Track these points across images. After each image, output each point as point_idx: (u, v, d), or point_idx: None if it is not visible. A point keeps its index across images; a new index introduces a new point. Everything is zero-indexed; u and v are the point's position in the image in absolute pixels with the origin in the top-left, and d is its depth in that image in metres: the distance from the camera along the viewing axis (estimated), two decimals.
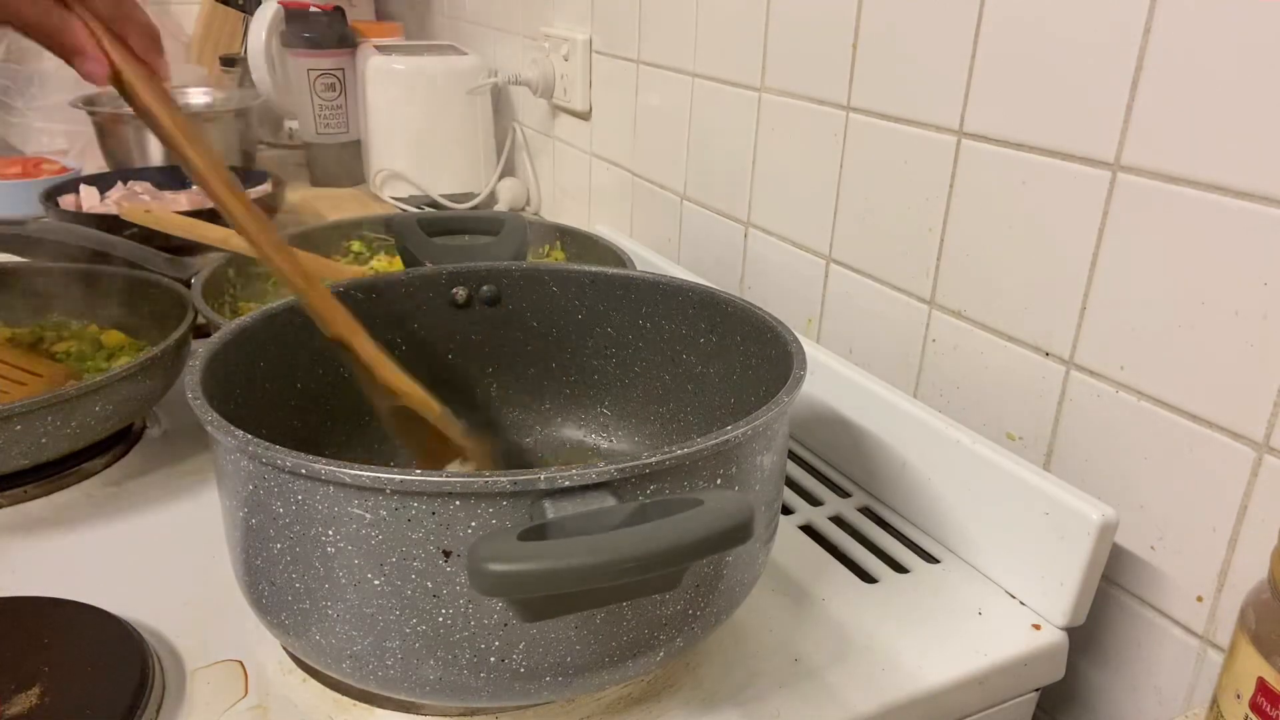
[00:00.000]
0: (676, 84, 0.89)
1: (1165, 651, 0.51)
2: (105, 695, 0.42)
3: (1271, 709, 0.35)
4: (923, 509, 0.60)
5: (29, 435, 0.56)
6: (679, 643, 0.41)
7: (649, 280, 0.58)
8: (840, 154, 0.69)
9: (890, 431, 0.61)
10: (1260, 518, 0.46)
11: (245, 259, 0.78)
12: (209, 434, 0.39)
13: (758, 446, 0.41)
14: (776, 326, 0.51)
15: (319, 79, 1.29)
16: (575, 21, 1.07)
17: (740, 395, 0.54)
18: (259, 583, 0.40)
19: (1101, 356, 0.52)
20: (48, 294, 0.76)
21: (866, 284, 0.69)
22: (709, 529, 0.32)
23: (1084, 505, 0.49)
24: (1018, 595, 0.54)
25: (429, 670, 0.37)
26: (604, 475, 0.35)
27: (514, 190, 1.28)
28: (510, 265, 0.60)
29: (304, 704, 0.44)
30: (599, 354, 0.60)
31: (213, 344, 0.46)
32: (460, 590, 0.36)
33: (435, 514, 0.35)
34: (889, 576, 0.56)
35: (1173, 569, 0.50)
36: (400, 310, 0.58)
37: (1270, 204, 0.43)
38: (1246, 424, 0.46)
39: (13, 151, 1.32)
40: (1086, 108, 0.51)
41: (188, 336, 0.66)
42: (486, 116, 1.27)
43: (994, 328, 0.59)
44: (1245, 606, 0.37)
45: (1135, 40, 0.48)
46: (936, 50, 0.60)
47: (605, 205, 1.09)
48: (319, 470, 0.35)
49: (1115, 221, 0.50)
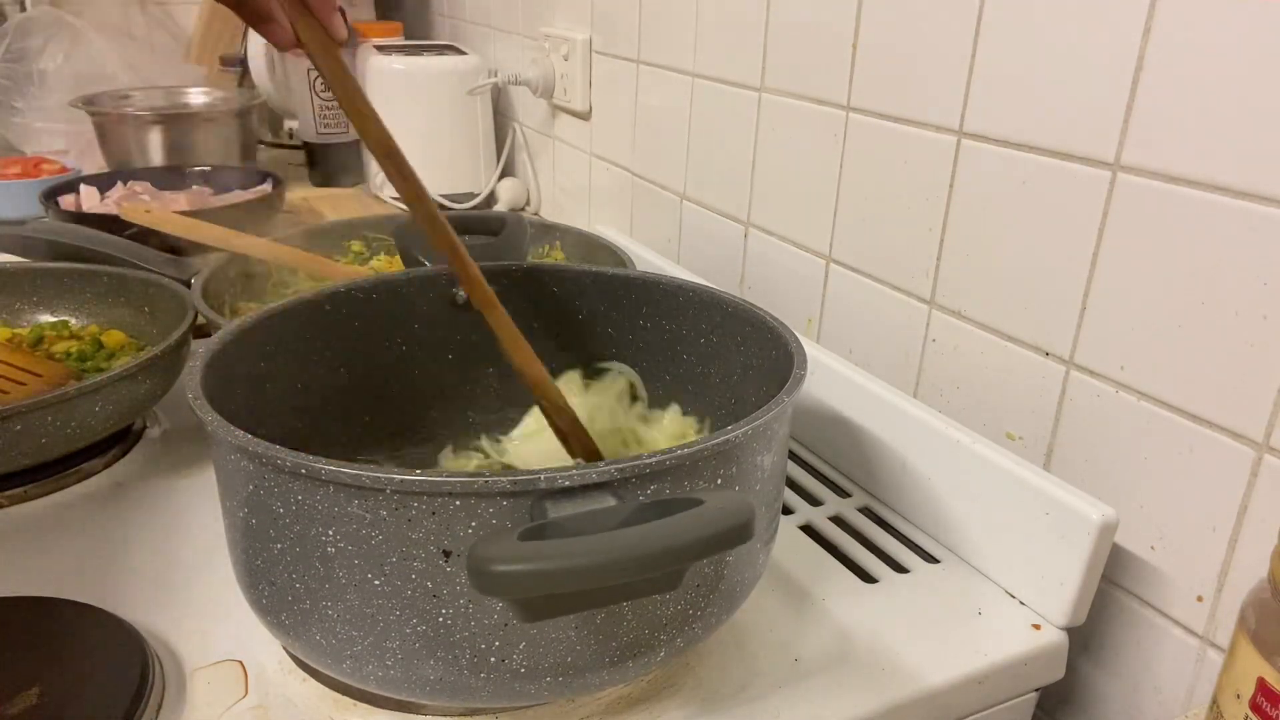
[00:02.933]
0: (676, 84, 0.89)
1: (1165, 651, 0.51)
2: (105, 695, 0.42)
3: (1271, 709, 0.35)
4: (923, 509, 0.60)
5: (29, 435, 0.55)
6: (679, 643, 0.41)
7: (649, 280, 0.58)
8: (840, 154, 0.69)
9: (890, 431, 0.61)
10: (1260, 518, 0.46)
11: (245, 259, 0.78)
12: (209, 434, 0.39)
13: (758, 446, 0.41)
14: (776, 326, 0.51)
15: (319, 79, 1.29)
16: (575, 21, 1.07)
17: (740, 395, 0.54)
18: (259, 583, 0.40)
19: (1101, 356, 0.52)
20: (48, 294, 0.76)
21: (866, 284, 0.69)
22: (709, 529, 0.32)
23: (1084, 505, 0.49)
24: (1018, 595, 0.54)
25: (429, 670, 0.37)
26: (604, 475, 0.35)
27: (514, 190, 1.28)
28: (510, 265, 0.60)
29: (304, 704, 0.44)
30: (599, 354, 0.60)
31: (213, 344, 0.46)
32: (460, 590, 0.36)
33: (435, 514, 0.35)
34: (889, 576, 0.56)
35: (1173, 569, 0.50)
36: (400, 310, 0.58)
37: (1270, 204, 0.43)
38: (1246, 424, 0.46)
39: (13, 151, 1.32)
40: (1086, 108, 0.51)
41: (188, 336, 0.66)
42: (486, 116, 1.27)
43: (994, 328, 0.59)
44: (1245, 606, 0.37)
45: (1135, 40, 0.48)
46: (936, 50, 0.60)
47: (605, 205, 1.09)
48: (319, 470, 0.35)
49: (1115, 221, 0.50)
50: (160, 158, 1.22)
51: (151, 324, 0.73)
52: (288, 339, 0.52)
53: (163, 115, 1.25)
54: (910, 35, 0.62)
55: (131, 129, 1.22)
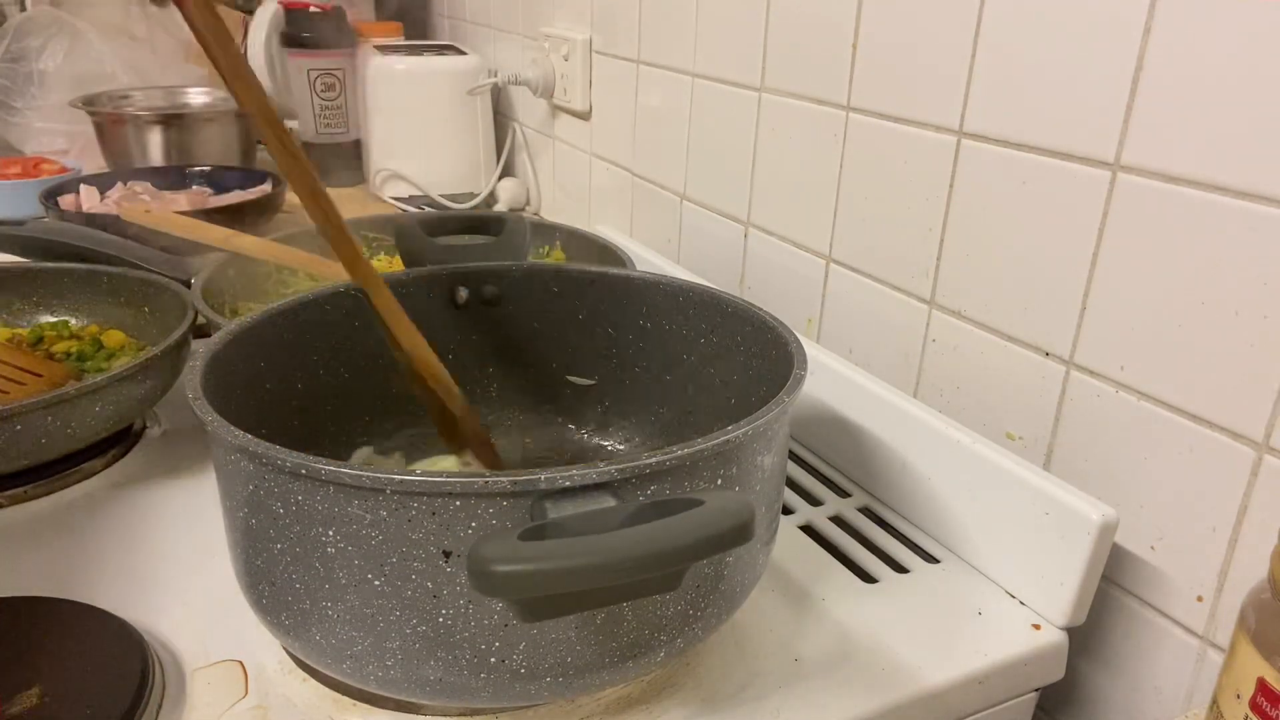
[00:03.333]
0: (676, 84, 0.89)
1: (1165, 651, 0.51)
2: (105, 695, 0.42)
3: (1271, 709, 0.35)
4: (923, 509, 0.60)
5: (29, 435, 0.55)
6: (679, 643, 0.41)
7: (649, 280, 0.58)
8: (840, 154, 0.69)
9: (890, 431, 0.61)
10: (1260, 518, 0.46)
11: (245, 259, 0.78)
12: (209, 434, 0.39)
13: (758, 447, 0.41)
14: (776, 326, 0.51)
15: (319, 79, 1.29)
16: (575, 21, 1.07)
17: (740, 395, 0.54)
18: (259, 583, 0.40)
19: (1101, 356, 0.52)
20: (48, 294, 0.76)
21: (866, 284, 0.69)
22: (710, 530, 0.32)
23: (1084, 505, 0.49)
24: (1018, 595, 0.54)
25: (429, 671, 0.37)
26: (604, 475, 0.35)
27: (514, 190, 1.28)
28: (510, 265, 0.60)
29: (304, 704, 0.44)
30: (599, 354, 0.60)
31: (213, 344, 0.46)
32: (460, 591, 0.36)
33: (435, 514, 0.35)
34: (889, 576, 0.56)
35: (1173, 569, 0.50)
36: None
37: (1270, 204, 0.43)
38: (1246, 424, 0.46)
39: (13, 151, 1.32)
40: (1086, 108, 0.51)
41: (188, 336, 0.66)
42: (486, 116, 1.27)
43: (994, 328, 0.59)
44: (1245, 606, 0.37)
45: (1135, 40, 0.48)
46: (936, 50, 0.60)
47: (605, 205, 1.09)
48: (319, 470, 0.35)
49: (1115, 221, 0.50)
50: (160, 158, 1.22)
51: (151, 324, 0.73)
52: (288, 339, 0.52)
53: (163, 115, 1.25)
54: (910, 35, 0.62)
55: (131, 129, 1.22)
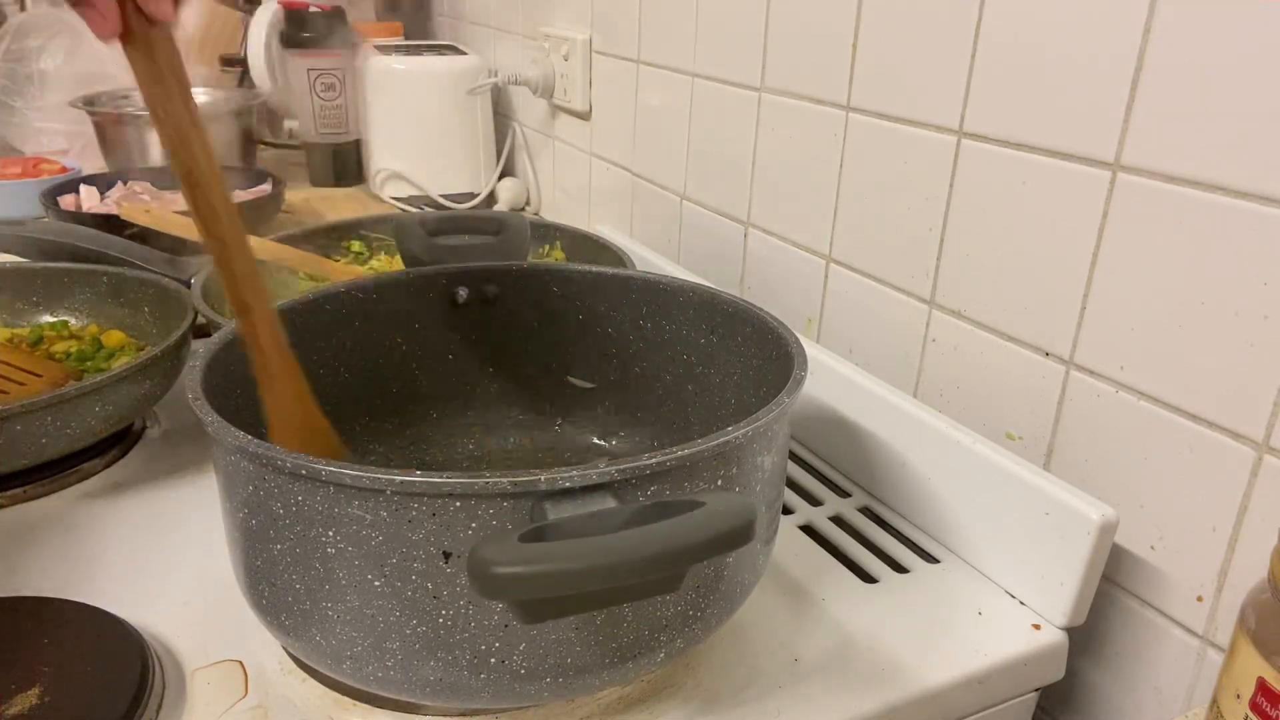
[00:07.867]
0: (676, 84, 0.89)
1: (1165, 651, 0.51)
2: (105, 695, 0.42)
3: (1271, 709, 0.35)
4: (923, 509, 0.60)
5: (29, 435, 0.55)
6: (679, 644, 0.41)
7: (649, 280, 0.58)
8: (840, 154, 0.69)
9: (890, 431, 0.61)
10: (1260, 518, 0.46)
11: None
12: (209, 434, 0.39)
13: (758, 447, 0.41)
14: (776, 326, 0.51)
15: (319, 79, 1.29)
16: (575, 21, 1.07)
17: (741, 396, 0.54)
18: (259, 584, 0.40)
19: (1101, 356, 0.52)
20: (48, 294, 0.76)
21: (866, 284, 0.69)
22: (710, 531, 0.32)
23: (1084, 505, 0.49)
24: (1018, 595, 0.54)
25: (429, 671, 0.37)
26: (604, 476, 0.35)
27: (514, 190, 1.28)
28: (510, 265, 0.60)
29: (304, 704, 0.44)
30: (599, 354, 0.60)
31: (213, 344, 0.46)
32: (460, 591, 0.36)
33: (435, 515, 0.35)
34: (889, 576, 0.56)
35: (1173, 569, 0.50)
36: (400, 310, 0.58)
37: (1270, 204, 0.43)
38: (1246, 424, 0.46)
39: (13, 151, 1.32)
40: (1086, 108, 0.51)
41: (188, 336, 0.66)
42: (486, 116, 1.27)
43: (994, 328, 0.59)
44: (1245, 606, 0.37)
45: (1135, 40, 0.48)
46: (936, 50, 0.60)
47: (605, 205, 1.09)
48: (319, 471, 0.35)
49: (1115, 221, 0.50)
50: (160, 158, 1.22)
51: (151, 324, 0.73)
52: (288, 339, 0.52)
53: None
54: (910, 35, 0.62)
55: (131, 129, 1.22)
